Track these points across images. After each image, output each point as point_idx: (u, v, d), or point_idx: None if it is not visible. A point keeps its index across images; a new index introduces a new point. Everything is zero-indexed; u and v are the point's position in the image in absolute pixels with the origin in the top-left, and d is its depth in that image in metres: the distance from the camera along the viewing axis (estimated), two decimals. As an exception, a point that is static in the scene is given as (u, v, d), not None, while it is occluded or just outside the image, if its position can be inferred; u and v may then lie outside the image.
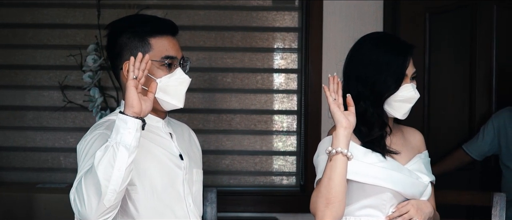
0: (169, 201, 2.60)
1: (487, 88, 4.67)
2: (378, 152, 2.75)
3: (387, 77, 2.71)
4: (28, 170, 4.62)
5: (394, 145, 2.81)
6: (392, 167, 2.74)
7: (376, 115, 2.75)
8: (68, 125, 4.62)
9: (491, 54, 4.66)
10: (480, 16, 4.65)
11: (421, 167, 2.84)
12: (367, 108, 2.74)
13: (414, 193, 2.77)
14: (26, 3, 4.61)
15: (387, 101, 2.74)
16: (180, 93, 2.61)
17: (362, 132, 2.75)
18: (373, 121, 2.75)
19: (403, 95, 2.74)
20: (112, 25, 2.67)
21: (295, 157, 4.70)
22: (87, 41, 4.46)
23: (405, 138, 2.90)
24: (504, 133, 4.41)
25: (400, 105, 2.75)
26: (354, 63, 2.79)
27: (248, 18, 4.66)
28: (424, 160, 2.89)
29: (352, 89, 2.75)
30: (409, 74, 2.76)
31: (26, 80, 4.62)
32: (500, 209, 3.23)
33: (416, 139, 2.94)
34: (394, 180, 2.71)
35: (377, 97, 2.73)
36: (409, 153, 2.86)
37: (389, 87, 2.72)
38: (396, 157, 2.80)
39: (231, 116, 4.67)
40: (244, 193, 4.65)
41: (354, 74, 2.77)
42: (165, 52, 2.59)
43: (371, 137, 2.75)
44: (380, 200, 2.73)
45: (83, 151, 2.49)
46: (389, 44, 2.77)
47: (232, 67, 4.66)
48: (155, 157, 2.60)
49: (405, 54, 2.75)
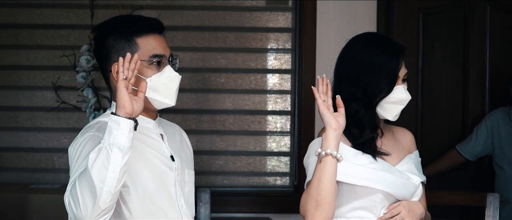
0: (161, 202, 2.59)
1: (480, 89, 4.67)
2: (369, 153, 2.74)
3: (380, 79, 2.69)
4: (22, 170, 4.62)
5: (384, 146, 2.80)
6: (383, 168, 2.72)
7: (367, 116, 2.73)
8: (62, 125, 4.62)
9: (484, 54, 4.67)
10: (473, 17, 4.66)
11: (412, 168, 2.83)
12: (358, 110, 2.72)
13: (405, 194, 2.76)
14: (19, 4, 4.60)
15: (379, 103, 2.73)
16: (171, 91, 2.60)
17: (353, 133, 2.74)
18: (364, 123, 2.73)
19: (395, 97, 2.72)
20: (98, 28, 2.65)
21: (289, 158, 4.70)
22: (80, 42, 4.45)
23: (396, 138, 2.89)
24: (497, 133, 4.42)
25: (391, 107, 2.74)
26: (345, 64, 2.77)
27: (241, 19, 4.66)
28: (414, 160, 2.87)
29: (344, 90, 2.73)
30: (401, 76, 2.74)
31: (19, 80, 4.61)
32: (494, 210, 3.23)
33: (406, 139, 2.93)
34: (385, 181, 2.70)
35: (369, 99, 2.71)
36: (399, 153, 2.85)
37: (382, 90, 2.70)
38: (387, 158, 2.78)
39: (225, 117, 4.67)
40: (237, 193, 4.65)
41: (346, 75, 2.75)
42: (153, 50, 2.57)
43: (362, 139, 2.73)
44: (371, 202, 2.72)
45: (75, 154, 2.48)
46: (382, 46, 2.74)
47: (225, 68, 4.66)
48: (147, 159, 2.59)
49: (398, 56, 2.73)
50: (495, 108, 4.55)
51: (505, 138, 4.40)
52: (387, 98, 2.72)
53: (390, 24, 4.59)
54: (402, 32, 4.57)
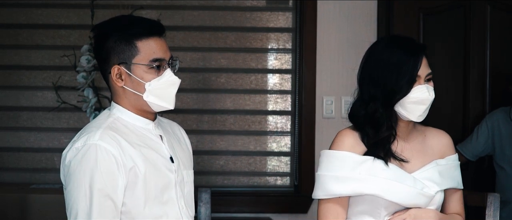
0: (162, 204, 2.58)
1: (480, 89, 4.67)
2: (381, 158, 2.70)
3: (399, 78, 2.67)
4: (22, 170, 4.62)
5: (406, 151, 2.76)
6: (394, 176, 2.68)
7: (385, 116, 2.70)
8: (62, 125, 4.62)
9: (484, 54, 4.67)
10: (473, 17, 4.66)
11: (434, 175, 2.75)
12: (377, 109, 2.70)
13: (416, 203, 2.71)
14: (20, 4, 4.60)
15: (401, 103, 2.69)
16: (170, 95, 2.59)
17: (368, 134, 2.71)
18: (381, 122, 2.70)
19: (416, 97, 2.69)
20: (98, 28, 2.62)
21: (289, 158, 4.70)
22: (81, 42, 4.45)
23: (426, 142, 2.83)
24: (498, 133, 4.42)
25: (413, 107, 2.70)
26: (367, 65, 2.75)
27: (242, 19, 4.66)
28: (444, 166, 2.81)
29: (365, 91, 2.73)
30: (422, 75, 2.71)
31: (20, 80, 4.62)
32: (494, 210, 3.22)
33: (440, 142, 2.86)
34: (391, 191, 2.66)
35: (388, 98, 2.68)
36: (425, 158, 2.79)
37: (401, 88, 2.67)
38: (405, 165, 2.74)
39: (225, 117, 4.67)
40: (238, 193, 4.65)
41: (368, 76, 2.73)
42: (153, 54, 2.55)
43: (377, 139, 2.71)
44: (375, 207, 2.71)
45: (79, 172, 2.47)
46: (401, 45, 2.72)
47: (226, 68, 4.66)
48: (148, 160, 2.58)
49: (417, 55, 2.70)
50: (496, 108, 4.54)
51: (506, 138, 4.40)
52: (407, 98, 2.69)
53: (391, 24, 4.59)
54: (402, 32, 4.56)
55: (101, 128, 2.53)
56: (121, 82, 2.56)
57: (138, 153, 2.54)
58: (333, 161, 2.71)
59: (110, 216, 2.45)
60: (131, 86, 2.52)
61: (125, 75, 2.54)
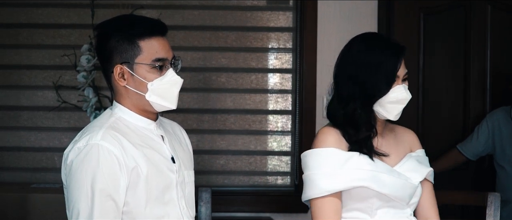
0: (163, 205, 2.58)
1: (481, 88, 4.68)
2: (366, 154, 2.72)
3: (379, 79, 2.68)
4: (23, 170, 4.62)
5: (384, 146, 2.79)
6: (381, 169, 2.71)
7: (364, 116, 2.72)
8: (63, 125, 4.62)
9: (485, 54, 4.67)
10: (474, 16, 4.66)
11: (413, 165, 2.81)
12: (355, 109, 2.72)
13: (404, 195, 2.74)
14: (20, 3, 4.60)
15: (379, 103, 2.71)
16: (173, 95, 2.59)
17: (349, 133, 2.73)
18: (360, 122, 2.73)
19: (395, 97, 2.71)
20: (100, 27, 2.62)
21: (290, 157, 4.70)
22: (81, 41, 4.45)
23: (397, 138, 2.88)
24: (499, 133, 4.42)
25: (392, 107, 2.72)
26: (345, 63, 2.76)
27: (242, 18, 4.67)
28: (417, 157, 2.86)
29: (343, 89, 2.74)
30: (401, 75, 2.73)
31: (20, 80, 4.62)
32: (495, 209, 3.23)
33: (408, 138, 2.91)
34: (381, 182, 2.69)
35: (368, 98, 2.70)
36: (399, 153, 2.84)
37: (380, 89, 2.69)
38: (386, 159, 2.77)
39: (226, 116, 4.67)
40: (238, 193, 4.65)
41: (345, 74, 2.74)
42: (155, 54, 2.55)
43: (357, 138, 2.72)
44: (367, 204, 2.73)
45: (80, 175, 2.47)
46: (381, 45, 2.73)
47: (226, 67, 4.66)
48: (152, 162, 2.58)
49: (397, 55, 2.71)
50: (496, 107, 4.55)
51: (506, 138, 4.40)
52: (386, 98, 2.71)
53: (391, 24, 4.59)
54: (402, 31, 4.57)
55: (103, 128, 2.53)
56: (123, 82, 2.56)
57: (140, 153, 2.53)
58: (320, 159, 2.72)
59: (112, 217, 2.45)
60: (134, 86, 2.53)
61: (127, 75, 2.54)
